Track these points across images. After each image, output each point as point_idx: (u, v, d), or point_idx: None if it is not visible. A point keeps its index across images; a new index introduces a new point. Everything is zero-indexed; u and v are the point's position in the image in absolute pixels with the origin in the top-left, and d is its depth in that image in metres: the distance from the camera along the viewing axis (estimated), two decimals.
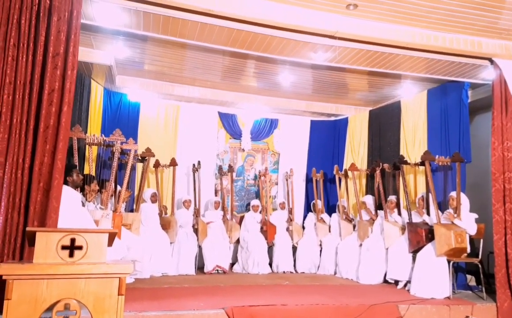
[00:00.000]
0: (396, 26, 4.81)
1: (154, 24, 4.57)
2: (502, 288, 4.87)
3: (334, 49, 5.07)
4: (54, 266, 2.38)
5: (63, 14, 3.69)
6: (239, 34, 4.75)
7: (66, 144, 3.62)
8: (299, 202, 8.36)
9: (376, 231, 6.55)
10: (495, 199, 5.02)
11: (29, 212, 3.40)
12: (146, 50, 5.88)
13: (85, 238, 2.48)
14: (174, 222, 6.85)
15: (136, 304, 4.13)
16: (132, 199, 6.89)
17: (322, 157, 8.57)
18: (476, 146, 6.40)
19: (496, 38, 5.09)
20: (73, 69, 3.68)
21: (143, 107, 7.59)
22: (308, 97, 7.92)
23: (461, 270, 5.89)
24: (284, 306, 4.38)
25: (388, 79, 6.58)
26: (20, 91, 3.52)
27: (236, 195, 8.20)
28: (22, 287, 2.31)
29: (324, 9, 4.53)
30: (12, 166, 3.41)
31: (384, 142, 7.58)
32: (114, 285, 2.44)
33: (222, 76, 6.89)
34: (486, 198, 5.38)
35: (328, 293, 5.31)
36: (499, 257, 4.93)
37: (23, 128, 3.50)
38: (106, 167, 6.27)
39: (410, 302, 4.75)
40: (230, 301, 4.46)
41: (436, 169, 6.27)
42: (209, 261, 6.88)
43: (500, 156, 5.08)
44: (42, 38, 3.62)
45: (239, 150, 8.46)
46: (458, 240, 5.24)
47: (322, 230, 7.55)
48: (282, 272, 7.20)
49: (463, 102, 6.15)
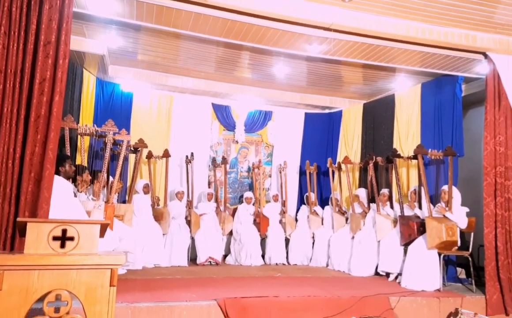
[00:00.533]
0: (391, 19, 4.81)
1: (148, 13, 4.52)
2: (491, 281, 4.93)
3: (329, 42, 5.05)
4: (45, 256, 2.36)
5: (55, 2, 3.63)
6: (233, 24, 4.71)
7: (57, 134, 3.58)
8: (292, 195, 8.37)
9: (368, 224, 6.59)
10: (486, 193, 5.07)
11: (20, 203, 3.37)
12: (139, 39, 5.83)
13: (77, 229, 2.46)
14: (166, 214, 6.84)
15: (128, 295, 4.12)
16: (125, 190, 6.87)
17: (316, 150, 8.59)
18: (469, 140, 6.43)
19: (491, 33, 5.10)
20: (65, 58, 3.64)
21: (136, 97, 7.52)
22: (303, 90, 7.91)
23: (452, 263, 5.95)
24: (276, 298, 4.41)
25: (383, 72, 6.59)
26: (10, 80, 3.47)
27: (229, 187, 8.20)
28: (13, 278, 2.29)
29: (319, 1, 4.51)
30: (3, 156, 3.37)
31: (378, 136, 7.60)
32: (106, 276, 2.43)
33: (216, 67, 6.84)
34: (479, 192, 5.43)
35: (320, 285, 5.34)
36: (489, 251, 4.99)
37: (14, 118, 3.45)
38: (98, 157, 6.23)
39: (401, 294, 4.81)
40: (222, 292, 4.48)
41: (429, 162, 6.30)
42: (202, 252, 6.89)
43: (492, 150, 5.12)
44: (33, 26, 3.56)
45: (233, 142, 8.44)
46: (449, 234, 5.30)
47: (315, 222, 7.58)
48: (274, 264, 7.24)
49: (457, 96, 6.18)
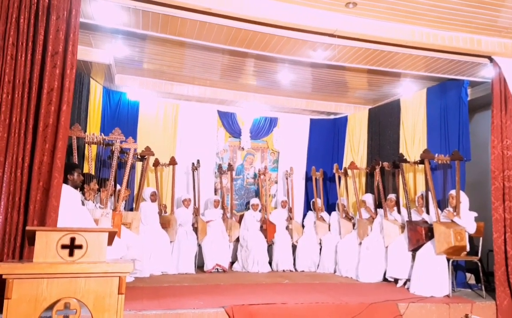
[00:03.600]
0: (395, 24, 4.81)
1: (153, 22, 4.57)
2: (501, 286, 4.88)
3: (334, 48, 5.06)
4: (54, 265, 2.39)
5: (62, 13, 3.68)
6: (238, 32, 4.74)
7: (65, 143, 3.61)
8: (298, 201, 8.35)
9: (376, 229, 6.55)
10: (494, 197, 5.03)
11: (29, 211, 3.40)
12: (145, 48, 5.88)
13: (85, 237, 2.48)
14: (173, 221, 6.85)
15: (136, 303, 4.13)
16: (132, 198, 6.90)
17: (321, 156, 8.57)
18: (476, 144, 6.40)
19: (496, 36, 5.09)
20: (72, 68, 3.68)
21: (142, 105, 7.57)
22: (308, 96, 7.92)
23: (461, 268, 5.90)
24: (284, 305, 4.39)
25: (388, 77, 6.58)
26: (19, 90, 3.51)
27: (235, 194, 8.20)
28: (22, 287, 2.31)
29: (323, 8, 4.53)
30: (12, 165, 3.41)
31: (384, 141, 7.57)
32: (114, 284, 2.45)
33: (222, 74, 6.88)
34: (486, 196, 5.38)
35: (328, 291, 5.31)
36: (498, 255, 4.94)
37: (22, 127, 3.49)
38: (106, 166, 6.26)
39: (410, 301, 4.76)
40: (230, 300, 4.47)
41: (436, 167, 6.27)
42: (209, 259, 6.89)
43: (500, 154, 5.08)
44: (41, 37, 3.61)
45: (239, 148, 8.45)
46: (458, 239, 5.25)
47: (322, 228, 7.55)
48: (281, 270, 7.21)
49: (463, 100, 6.15)
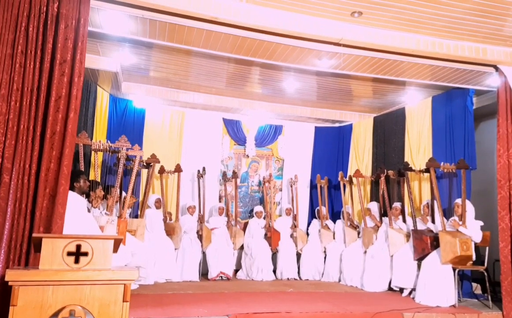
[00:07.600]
0: (400, 33, 4.83)
1: (160, 31, 4.61)
2: (508, 296, 4.83)
3: (339, 56, 5.08)
4: (60, 272, 2.40)
5: (71, 22, 3.73)
6: (244, 41, 4.78)
7: (72, 151, 3.64)
8: (303, 209, 8.36)
9: (381, 238, 6.52)
10: (500, 207, 4.99)
11: (35, 218, 3.41)
12: (152, 57, 5.93)
13: (91, 244, 2.50)
14: (178, 228, 6.86)
15: (140, 311, 4.13)
16: (137, 205, 6.92)
17: (326, 164, 8.58)
18: (481, 153, 6.37)
19: (501, 45, 5.09)
20: (80, 76, 3.71)
21: (148, 113, 7.63)
22: (313, 104, 7.94)
23: (467, 278, 5.85)
24: (289, 314, 4.37)
25: (393, 85, 6.59)
26: (27, 97, 3.55)
27: (240, 201, 8.20)
28: (27, 293, 2.32)
29: (329, 17, 4.56)
30: (19, 172, 3.43)
31: (389, 149, 7.56)
32: (119, 292, 2.46)
33: (227, 82, 6.92)
34: (492, 205, 5.35)
35: (333, 300, 5.29)
36: (505, 265, 4.90)
37: (30, 134, 3.52)
38: (112, 173, 6.30)
39: (415, 310, 4.73)
40: (234, 308, 4.46)
41: (441, 176, 6.24)
42: (213, 267, 6.89)
43: (506, 163, 5.05)
44: (49, 45, 3.65)
45: (244, 156, 8.47)
46: (464, 248, 5.21)
47: (327, 236, 7.53)
48: (286, 279, 7.19)
49: (468, 109, 6.14)
